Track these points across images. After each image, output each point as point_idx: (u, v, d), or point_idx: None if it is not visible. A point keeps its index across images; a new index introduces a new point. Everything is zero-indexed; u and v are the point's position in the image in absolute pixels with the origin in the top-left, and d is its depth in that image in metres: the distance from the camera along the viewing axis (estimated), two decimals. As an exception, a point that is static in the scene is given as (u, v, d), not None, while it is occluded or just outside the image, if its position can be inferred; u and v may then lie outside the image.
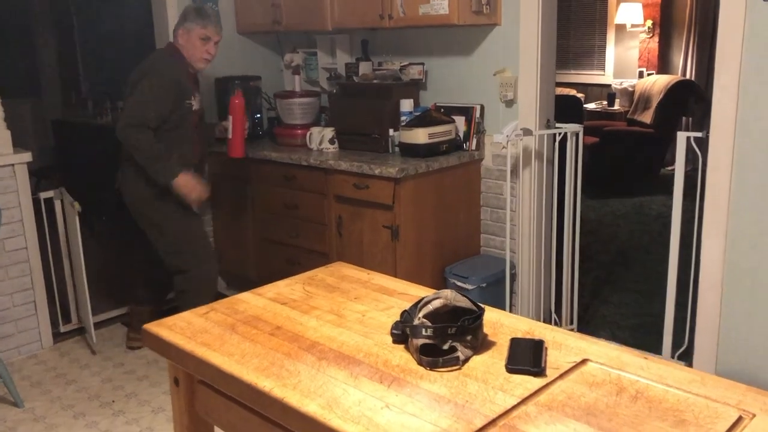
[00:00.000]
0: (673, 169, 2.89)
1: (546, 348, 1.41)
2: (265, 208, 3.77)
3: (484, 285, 3.27)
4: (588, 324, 3.56)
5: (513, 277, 3.38)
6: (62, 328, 3.60)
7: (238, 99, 3.34)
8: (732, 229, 2.71)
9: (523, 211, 3.31)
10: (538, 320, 3.40)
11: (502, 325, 1.54)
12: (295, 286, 1.80)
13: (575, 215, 3.33)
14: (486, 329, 1.50)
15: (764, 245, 2.63)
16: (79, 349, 3.49)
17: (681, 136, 2.86)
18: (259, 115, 4.07)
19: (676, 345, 3.08)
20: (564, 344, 1.44)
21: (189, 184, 3.04)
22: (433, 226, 3.32)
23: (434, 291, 1.70)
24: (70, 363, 3.32)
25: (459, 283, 3.30)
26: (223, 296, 3.94)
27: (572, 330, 3.41)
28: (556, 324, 3.44)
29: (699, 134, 2.83)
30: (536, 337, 1.45)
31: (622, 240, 5.05)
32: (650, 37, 7.40)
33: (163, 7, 3.85)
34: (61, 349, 3.48)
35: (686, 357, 3.03)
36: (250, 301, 1.70)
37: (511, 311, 3.35)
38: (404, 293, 1.73)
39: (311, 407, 1.21)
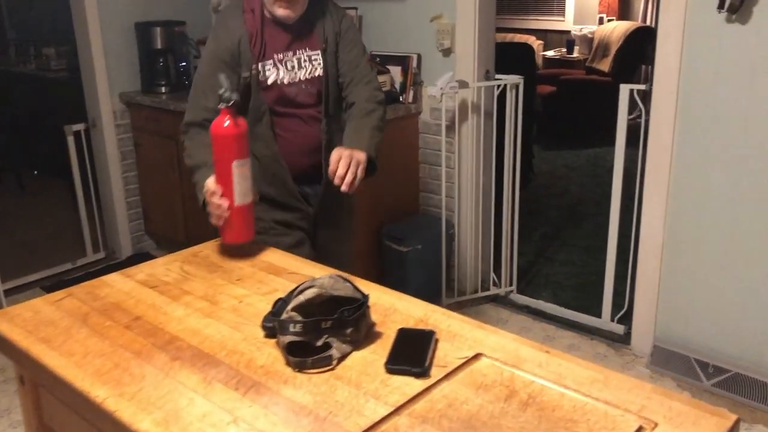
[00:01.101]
0: (632, 119, 2.70)
1: (436, 340, 1.24)
2: (190, 165, 3.52)
3: (419, 246, 3.10)
4: (529, 284, 3.43)
5: (452, 237, 3.21)
6: (-29, 295, 3.35)
7: (230, 122, 1.49)
8: (674, 189, 2.56)
9: (462, 168, 3.12)
10: (477, 282, 3.27)
11: (394, 311, 1.36)
12: (173, 265, 1.59)
13: (515, 172, 3.15)
14: (375, 316, 1.32)
15: (706, 206, 2.49)
16: (-9, 317, 3.25)
17: (623, 89, 2.68)
18: (184, 64, 3.78)
19: (617, 307, 2.96)
20: (458, 335, 1.27)
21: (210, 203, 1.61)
22: (367, 185, 3.10)
23: (332, 272, 1.52)
24: (-23, 334, 3.09)
25: (394, 245, 3.13)
26: (152, 257, 3.73)
27: (511, 291, 3.27)
28: (495, 285, 3.30)
29: (642, 87, 2.65)
30: (427, 328, 1.27)
31: (573, 194, 4.91)
32: (611, -19, 7.14)
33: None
34: (-31, 318, 3.25)
35: (626, 320, 2.92)
36: (115, 284, 1.50)
37: (448, 273, 3.21)
38: (295, 273, 1.54)
39: (144, 424, 1.02)
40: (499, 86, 2.99)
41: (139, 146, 3.85)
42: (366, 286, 1.46)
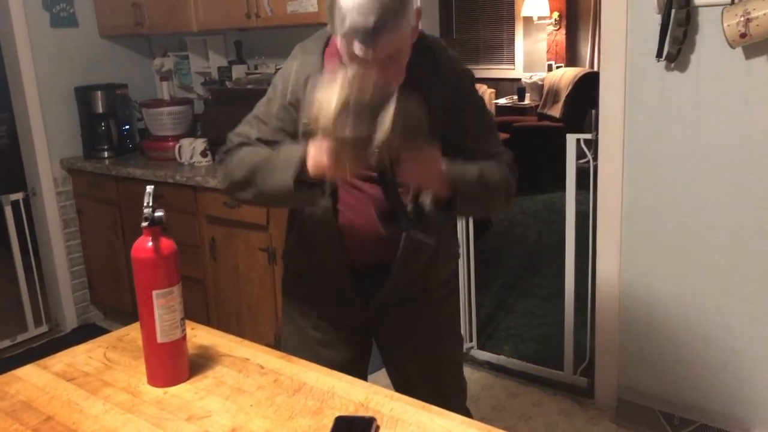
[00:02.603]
0: (584, 163, 2.67)
1: (377, 428, 1.14)
2: (135, 232, 3.37)
3: (374, 306, 3.00)
4: (490, 338, 3.35)
5: (408, 294, 3.12)
6: None
7: (152, 244, 1.26)
8: (626, 234, 2.52)
9: (414, 224, 3.06)
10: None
11: (333, 395, 1.26)
12: (96, 351, 1.47)
13: (469, 227, 3.10)
14: (312, 401, 1.22)
15: (659, 253, 2.46)
16: None
17: (570, 139, 2.67)
18: (128, 127, 3.68)
19: (580, 358, 2.89)
20: (401, 420, 1.17)
21: (317, 156, 1.30)
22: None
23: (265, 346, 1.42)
24: None
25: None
26: (100, 329, 3.54)
27: (472, 347, 3.18)
28: (455, 342, 3.21)
29: (588, 135, 2.64)
30: (368, 414, 1.17)
31: (531, 241, 4.89)
32: (557, 30, 7.32)
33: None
34: None
35: (589, 372, 2.84)
36: (29, 378, 1.37)
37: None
38: (228, 354, 1.43)
39: None
40: (447, 140, 2.96)
41: (81, 213, 3.71)
42: (306, 367, 1.36)
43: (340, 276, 1.58)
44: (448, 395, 1.66)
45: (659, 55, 2.24)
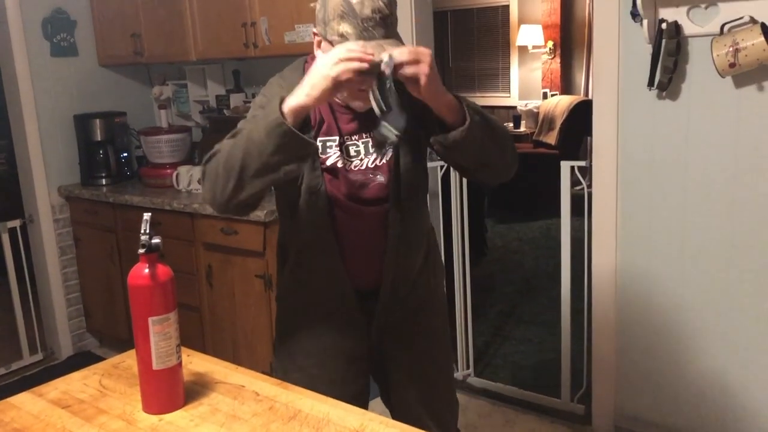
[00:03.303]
0: (580, 189, 2.69)
1: (372, 455, 1.14)
2: (131, 259, 3.38)
3: (371, 333, 3.00)
4: (488, 366, 3.34)
5: (404, 321, 3.12)
6: None
7: (148, 271, 1.27)
8: (621, 261, 2.54)
9: (411, 250, 3.07)
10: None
11: (328, 422, 1.26)
12: (91, 379, 1.47)
13: (465, 251, 3.11)
14: (307, 428, 1.22)
15: (654, 279, 2.47)
16: None
17: (564, 166, 2.69)
18: (126, 154, 3.71)
19: (577, 385, 2.88)
20: (396, 447, 1.17)
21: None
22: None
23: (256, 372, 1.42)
24: None
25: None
26: (96, 357, 3.52)
27: (469, 375, 3.17)
28: (452, 369, 3.20)
29: (582, 163, 2.67)
30: (363, 441, 1.18)
31: (528, 267, 4.89)
32: (552, 58, 7.40)
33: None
34: None
35: (586, 399, 2.83)
36: (24, 405, 1.37)
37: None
38: (223, 381, 1.43)
39: None
40: (442, 167, 2.98)
41: (78, 241, 3.71)
42: (301, 394, 1.36)
43: (342, 299, 1.60)
44: (442, 416, 1.70)
45: (651, 84, 2.28)
